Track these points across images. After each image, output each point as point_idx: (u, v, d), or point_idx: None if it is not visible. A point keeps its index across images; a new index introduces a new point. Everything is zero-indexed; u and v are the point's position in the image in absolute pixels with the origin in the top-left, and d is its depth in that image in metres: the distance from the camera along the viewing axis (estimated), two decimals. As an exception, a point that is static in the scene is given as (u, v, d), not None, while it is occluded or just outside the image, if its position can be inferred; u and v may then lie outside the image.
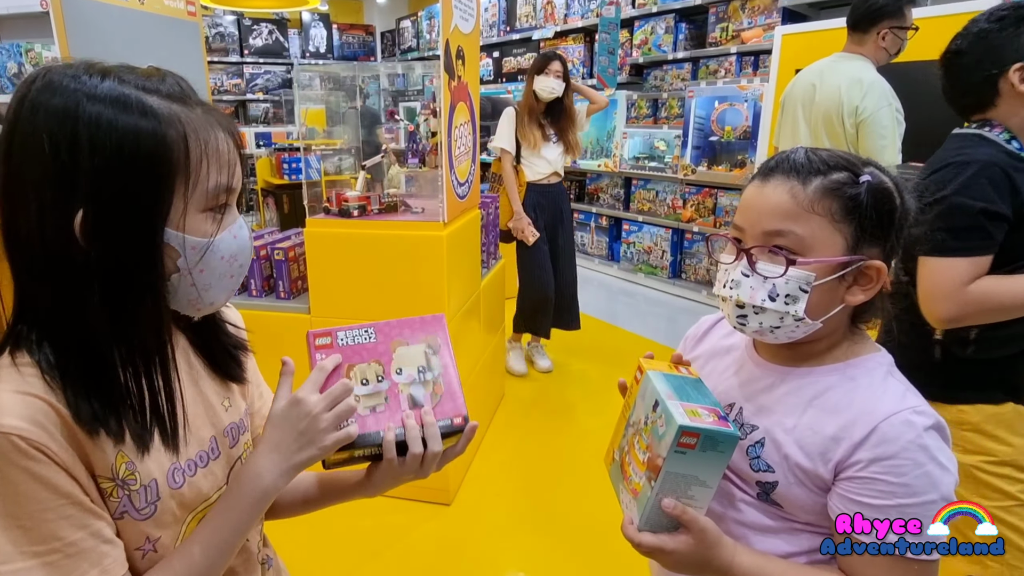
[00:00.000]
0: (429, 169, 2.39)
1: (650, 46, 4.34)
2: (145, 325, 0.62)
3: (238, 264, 0.67)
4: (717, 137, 3.65)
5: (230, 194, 0.65)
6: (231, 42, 6.53)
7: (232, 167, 0.64)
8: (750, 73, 3.78)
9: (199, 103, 0.63)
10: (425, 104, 2.45)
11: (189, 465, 0.70)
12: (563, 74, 2.99)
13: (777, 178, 0.71)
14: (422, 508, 2.18)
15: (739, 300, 0.73)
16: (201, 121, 0.62)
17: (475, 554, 2.00)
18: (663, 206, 4.16)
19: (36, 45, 2.87)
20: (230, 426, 0.76)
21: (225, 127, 0.64)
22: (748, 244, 0.73)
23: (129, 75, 0.60)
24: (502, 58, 5.75)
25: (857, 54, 2.22)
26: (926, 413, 0.68)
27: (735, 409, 0.80)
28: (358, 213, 2.14)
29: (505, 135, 3.08)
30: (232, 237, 0.65)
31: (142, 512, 0.64)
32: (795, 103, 2.40)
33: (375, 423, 0.71)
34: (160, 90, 0.60)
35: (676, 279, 4.04)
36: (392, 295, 2.08)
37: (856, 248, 0.70)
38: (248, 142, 5.57)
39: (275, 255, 2.23)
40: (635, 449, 0.75)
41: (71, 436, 0.58)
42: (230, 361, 0.77)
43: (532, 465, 2.52)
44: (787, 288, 0.70)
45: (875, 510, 0.66)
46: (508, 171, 3.08)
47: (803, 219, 0.69)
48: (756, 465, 0.75)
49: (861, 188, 0.69)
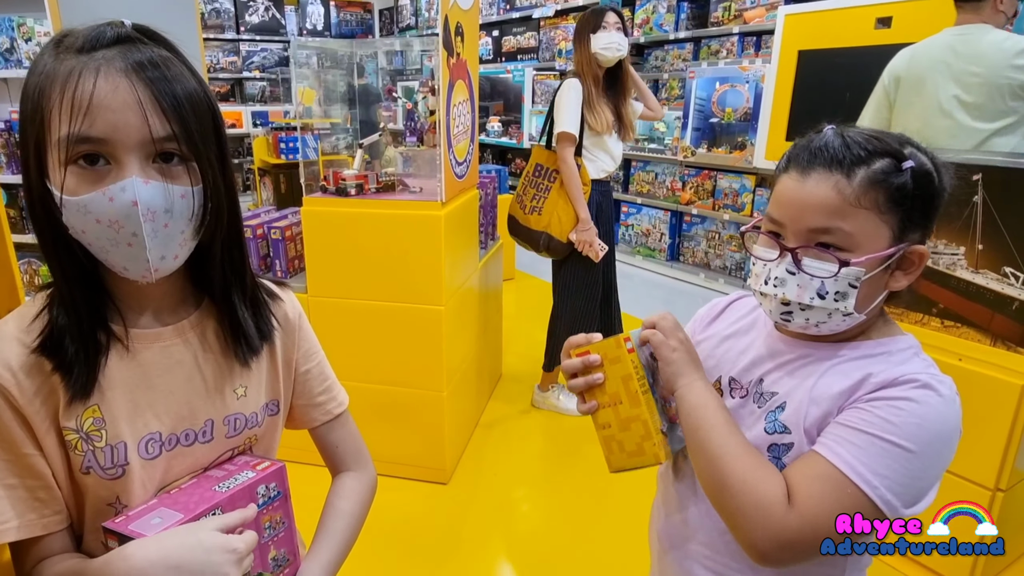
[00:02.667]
0: (427, 148, 2.37)
1: (651, 25, 4.29)
2: (71, 276, 0.65)
3: (128, 231, 0.60)
4: (717, 119, 3.62)
5: (96, 145, 0.58)
6: (227, 19, 6.44)
7: (89, 114, 0.57)
8: (752, 54, 3.74)
9: (109, 46, 0.59)
10: (423, 82, 2.42)
11: (170, 439, 0.70)
12: (623, 28, 2.39)
13: (819, 171, 0.67)
14: (419, 487, 2.20)
15: (784, 298, 0.70)
16: (75, 69, 0.58)
17: (472, 533, 2.02)
18: (662, 188, 4.14)
19: (28, 19, 2.83)
20: (235, 416, 0.75)
21: (120, 71, 0.58)
22: (791, 241, 0.70)
23: (71, 34, 0.61)
24: (501, 37, 5.69)
25: (979, 23, 2.17)
26: (945, 381, 0.67)
27: (755, 382, 0.78)
28: (355, 192, 2.12)
29: (572, 114, 2.36)
30: (107, 200, 0.59)
31: (107, 472, 0.66)
32: (920, 81, 2.26)
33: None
34: (70, 45, 0.60)
35: (674, 262, 4.03)
36: (389, 274, 2.08)
37: (901, 236, 0.68)
38: (245, 121, 5.52)
39: (272, 234, 2.22)
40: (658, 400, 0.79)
41: (43, 380, 0.65)
42: (241, 344, 0.75)
43: (529, 444, 2.53)
44: (837, 286, 0.68)
45: (850, 431, 0.65)
46: (571, 164, 2.38)
47: (850, 215, 0.66)
48: (772, 427, 0.74)
49: (906, 175, 0.66)
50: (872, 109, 2.40)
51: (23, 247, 2.35)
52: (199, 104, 0.63)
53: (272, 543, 0.72)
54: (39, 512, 0.66)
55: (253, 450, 0.79)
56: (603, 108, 2.42)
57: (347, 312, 2.14)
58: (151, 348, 0.70)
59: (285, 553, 0.73)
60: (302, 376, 0.84)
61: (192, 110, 0.62)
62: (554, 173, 2.47)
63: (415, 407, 2.18)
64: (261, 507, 0.70)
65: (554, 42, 5.08)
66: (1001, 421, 1.54)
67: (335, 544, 0.80)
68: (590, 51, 2.38)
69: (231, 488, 0.68)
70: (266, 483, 0.71)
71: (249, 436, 0.77)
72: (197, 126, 0.62)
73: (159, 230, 0.61)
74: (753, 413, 0.77)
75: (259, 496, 0.70)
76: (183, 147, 0.61)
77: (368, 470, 0.91)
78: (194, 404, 0.72)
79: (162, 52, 0.62)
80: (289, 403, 0.84)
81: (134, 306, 0.70)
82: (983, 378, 1.56)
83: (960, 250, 1.60)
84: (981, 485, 1.59)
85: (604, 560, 1.88)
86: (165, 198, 0.61)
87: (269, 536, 0.71)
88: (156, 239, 0.61)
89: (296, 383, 0.84)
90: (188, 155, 0.62)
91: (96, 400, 0.66)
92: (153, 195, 0.60)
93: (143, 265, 0.62)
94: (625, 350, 0.75)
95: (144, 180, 0.59)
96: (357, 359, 2.15)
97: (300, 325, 0.84)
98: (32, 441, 0.65)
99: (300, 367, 0.84)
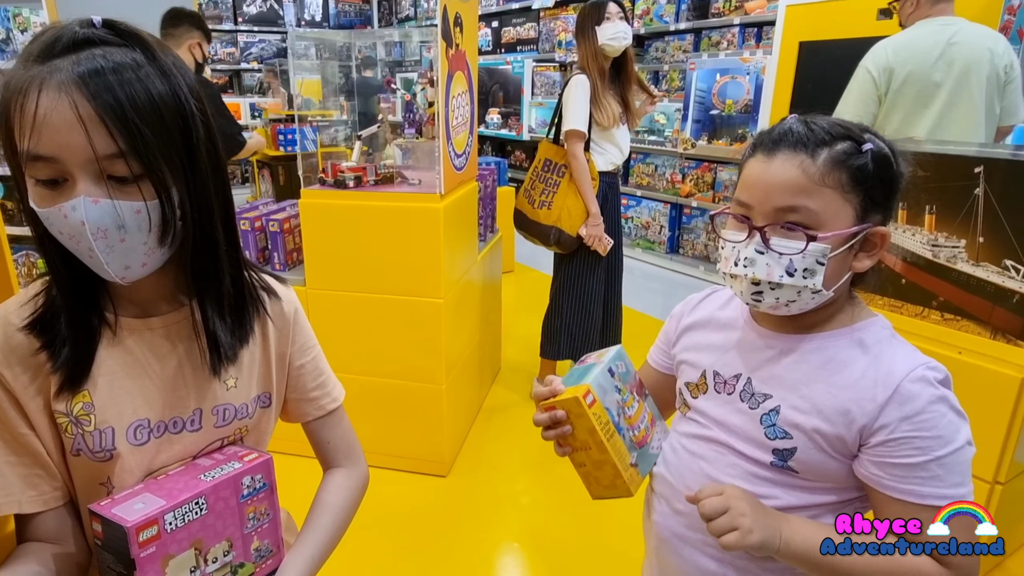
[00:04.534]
0: (426, 140, 2.35)
1: (652, 16, 4.26)
2: (62, 267, 0.65)
3: (85, 247, 0.59)
4: (718, 111, 3.60)
5: (50, 163, 0.57)
6: (224, 9, 6.40)
7: (36, 133, 0.55)
8: (753, 45, 3.72)
9: (64, 54, 0.57)
10: (422, 73, 2.40)
11: (158, 426, 0.71)
12: (625, 16, 2.40)
13: (784, 152, 0.71)
14: (419, 480, 2.20)
15: (755, 278, 0.73)
16: (26, 83, 0.56)
17: (471, 525, 2.02)
18: (662, 180, 4.13)
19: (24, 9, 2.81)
20: (224, 406, 0.75)
21: (60, 84, 0.55)
22: (759, 221, 0.72)
23: (37, 38, 0.60)
24: (501, 28, 5.65)
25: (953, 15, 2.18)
26: (937, 367, 0.72)
27: (742, 380, 0.80)
28: (354, 184, 2.11)
29: (580, 111, 2.39)
30: (63, 216, 0.58)
31: (96, 455, 0.68)
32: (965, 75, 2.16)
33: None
34: (33, 52, 0.59)
35: (674, 254, 4.03)
36: (388, 267, 2.07)
37: (864, 217, 0.71)
38: (242, 113, 5.48)
39: (270, 227, 2.21)
40: (631, 416, 0.82)
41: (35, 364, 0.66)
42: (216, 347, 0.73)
43: (528, 436, 2.53)
44: (804, 263, 0.70)
45: (915, 468, 0.69)
46: (582, 160, 2.41)
47: (815, 193, 0.69)
48: (772, 433, 0.76)
49: (867, 157, 0.70)
50: (857, 103, 2.29)
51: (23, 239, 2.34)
52: (162, 110, 0.59)
53: (256, 534, 0.72)
54: (38, 489, 0.68)
55: (244, 441, 0.79)
56: (609, 102, 2.42)
57: (346, 305, 2.13)
58: (141, 337, 0.71)
59: (269, 544, 0.74)
60: (296, 371, 0.84)
61: (149, 119, 0.58)
62: (563, 168, 2.48)
63: (414, 400, 2.17)
64: (245, 498, 0.71)
65: (554, 33, 5.05)
66: (1000, 414, 1.54)
67: (319, 539, 0.81)
68: (596, 44, 2.37)
69: (217, 477, 0.68)
70: (252, 474, 0.71)
71: (239, 427, 0.78)
72: (154, 136, 0.58)
73: (115, 245, 0.60)
74: (744, 412, 0.79)
75: (244, 487, 0.70)
76: (132, 164, 0.58)
77: (360, 467, 0.91)
78: (182, 393, 0.72)
79: (125, 54, 0.58)
80: (283, 397, 0.84)
81: (125, 296, 0.71)
82: (983, 371, 1.55)
83: (961, 243, 1.59)
84: (980, 478, 1.59)
85: (604, 552, 1.88)
86: (114, 217, 0.59)
87: (253, 527, 0.72)
88: (113, 253, 0.60)
89: (290, 377, 0.84)
90: (139, 171, 0.59)
91: (86, 386, 0.67)
92: (101, 215, 0.58)
93: (109, 273, 0.62)
94: (586, 406, 0.76)
95: (93, 200, 0.58)
96: (356, 352, 2.15)
97: (296, 320, 0.84)
98: (25, 421, 0.67)
99: (294, 362, 0.84)
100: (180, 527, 0.64)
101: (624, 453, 0.80)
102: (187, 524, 0.65)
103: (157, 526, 0.62)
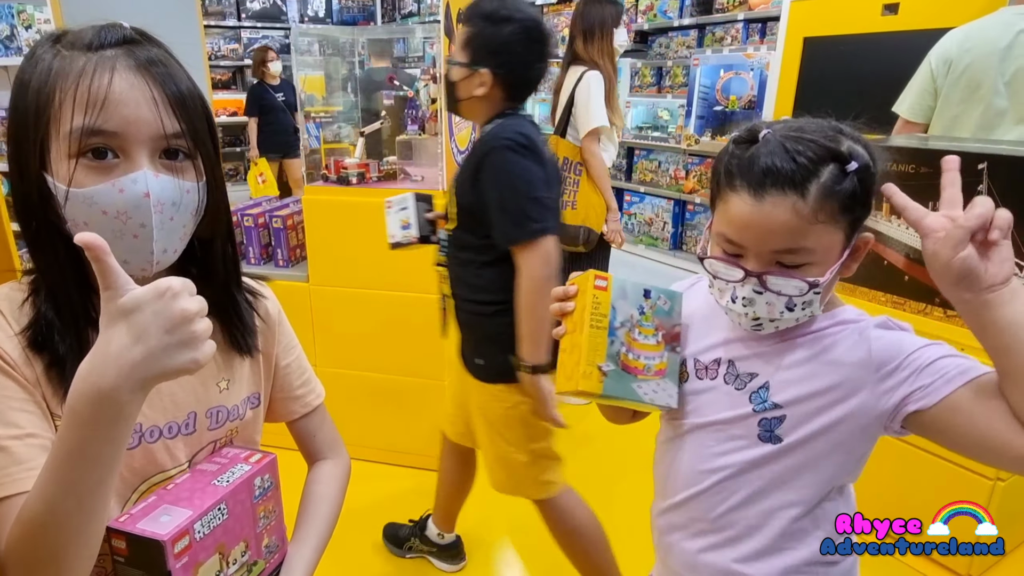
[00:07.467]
0: (429, 136, 2.36)
1: (656, 12, 4.25)
2: (60, 269, 0.65)
3: (136, 222, 0.61)
4: (722, 107, 3.59)
5: (107, 138, 0.60)
6: (228, 5, 6.40)
7: (105, 109, 0.59)
8: (757, 41, 3.70)
9: (115, 46, 0.62)
10: (425, 70, 2.40)
11: (152, 431, 0.70)
12: None
13: (773, 195, 0.68)
14: (420, 475, 2.20)
15: (755, 315, 0.73)
16: (87, 65, 0.60)
17: (473, 522, 2.03)
18: (665, 177, 4.12)
19: (28, 6, 2.82)
20: (217, 408, 0.76)
21: (132, 68, 0.61)
22: (752, 263, 0.71)
23: (70, 33, 0.63)
24: (504, 24, 5.63)
25: None
26: (876, 319, 0.76)
27: (723, 364, 0.81)
28: (357, 180, 2.12)
29: (601, 108, 2.37)
30: (117, 191, 0.60)
31: None
32: None
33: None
34: (74, 42, 0.62)
35: (677, 251, 4.02)
36: (390, 263, 2.07)
37: (852, 235, 0.72)
38: (246, 109, 5.48)
39: (273, 223, 2.22)
40: (638, 341, 0.79)
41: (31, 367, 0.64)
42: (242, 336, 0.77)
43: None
44: (804, 298, 0.71)
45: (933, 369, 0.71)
46: (601, 158, 2.43)
47: (810, 232, 0.68)
48: (761, 406, 0.77)
49: (853, 180, 0.68)
50: (914, 95, 2.07)
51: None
52: (197, 103, 0.65)
53: (266, 531, 0.74)
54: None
55: (234, 442, 0.80)
56: (617, 103, 2.46)
57: (348, 301, 2.14)
58: None
59: (276, 540, 0.76)
60: (283, 370, 0.86)
61: (196, 107, 0.65)
62: (578, 166, 2.48)
63: (416, 395, 2.18)
64: (258, 498, 0.72)
65: (557, 29, 5.04)
66: (1002, 411, 1.54)
67: (320, 529, 0.84)
68: (612, 45, 2.40)
69: (232, 482, 0.69)
70: (261, 475, 0.73)
71: (231, 428, 0.78)
72: (199, 124, 0.65)
73: (165, 223, 0.63)
74: (732, 395, 0.79)
75: (256, 488, 0.72)
76: (189, 143, 0.64)
77: (344, 457, 0.94)
78: (177, 397, 0.72)
79: (161, 52, 0.65)
80: (269, 396, 0.86)
81: None
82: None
83: (964, 240, 1.59)
84: (981, 474, 1.59)
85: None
86: (172, 191, 0.63)
87: (264, 525, 0.73)
88: (162, 231, 0.63)
89: (276, 377, 0.86)
90: (193, 151, 0.65)
91: None
92: (164, 188, 0.62)
93: (145, 258, 0.63)
94: (592, 285, 0.77)
95: (155, 173, 0.62)
96: (358, 347, 2.15)
97: (280, 320, 0.86)
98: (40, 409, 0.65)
99: (280, 361, 0.85)
100: (207, 534, 0.65)
101: (599, 351, 0.77)
102: (212, 531, 0.66)
103: (188, 536, 0.63)
